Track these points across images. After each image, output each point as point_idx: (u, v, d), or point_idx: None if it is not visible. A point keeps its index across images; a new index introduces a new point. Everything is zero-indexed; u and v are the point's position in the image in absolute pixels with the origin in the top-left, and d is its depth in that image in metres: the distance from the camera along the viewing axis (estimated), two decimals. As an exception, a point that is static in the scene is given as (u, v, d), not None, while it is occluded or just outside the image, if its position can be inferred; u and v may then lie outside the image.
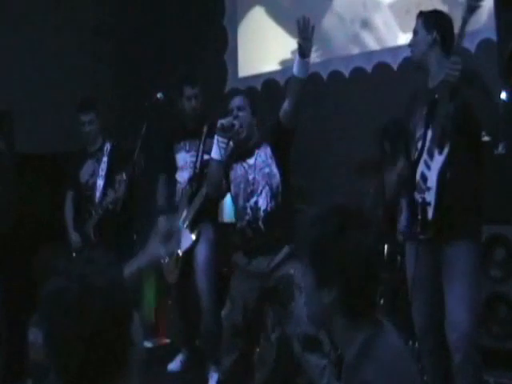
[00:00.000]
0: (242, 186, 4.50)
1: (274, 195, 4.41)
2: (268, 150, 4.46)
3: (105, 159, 5.64)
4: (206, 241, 5.33)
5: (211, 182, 4.68)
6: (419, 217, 3.84)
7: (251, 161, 4.50)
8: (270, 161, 4.44)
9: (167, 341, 6.38)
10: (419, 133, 4.01)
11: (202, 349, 5.42)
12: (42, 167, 6.39)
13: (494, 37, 5.07)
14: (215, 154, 4.51)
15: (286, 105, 4.37)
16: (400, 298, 4.73)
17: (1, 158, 6.01)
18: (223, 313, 4.59)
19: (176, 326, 5.59)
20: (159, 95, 5.47)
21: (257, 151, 4.49)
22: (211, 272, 5.30)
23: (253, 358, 4.95)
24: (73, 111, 5.71)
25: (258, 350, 5.10)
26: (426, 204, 3.85)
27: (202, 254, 5.29)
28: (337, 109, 6.12)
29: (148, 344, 6.08)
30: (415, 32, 4.12)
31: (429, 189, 3.87)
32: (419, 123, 4.02)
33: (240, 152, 4.54)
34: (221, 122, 4.46)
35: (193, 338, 5.63)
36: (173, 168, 5.53)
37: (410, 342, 4.38)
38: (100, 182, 5.59)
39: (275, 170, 4.42)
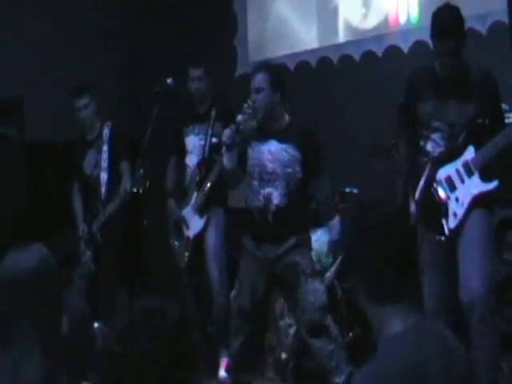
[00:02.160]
0: (257, 169, 4.49)
1: (289, 192, 4.41)
2: (297, 154, 4.42)
3: (105, 148, 5.59)
4: (217, 225, 5.32)
5: (231, 184, 4.79)
6: (442, 221, 3.91)
7: (273, 146, 4.47)
8: (295, 163, 4.42)
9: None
10: (433, 125, 3.99)
11: (214, 334, 5.42)
12: (52, 155, 6.39)
13: (505, 19, 5.02)
14: (229, 165, 4.51)
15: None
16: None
17: (12, 145, 6.04)
18: (232, 295, 4.62)
19: (187, 311, 5.59)
20: (169, 81, 5.46)
21: (282, 143, 4.45)
22: (222, 256, 5.30)
23: (262, 344, 4.97)
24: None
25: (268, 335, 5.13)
26: (449, 211, 3.92)
27: (212, 239, 5.29)
28: (348, 92, 6.08)
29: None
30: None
31: (457, 200, 3.91)
32: (433, 116, 3.97)
33: (263, 130, 4.51)
34: (224, 140, 4.47)
35: (204, 323, 5.63)
36: (182, 152, 5.52)
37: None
38: (104, 176, 5.56)
39: (298, 172, 4.42)
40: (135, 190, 5.08)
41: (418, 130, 4.08)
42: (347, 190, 5.21)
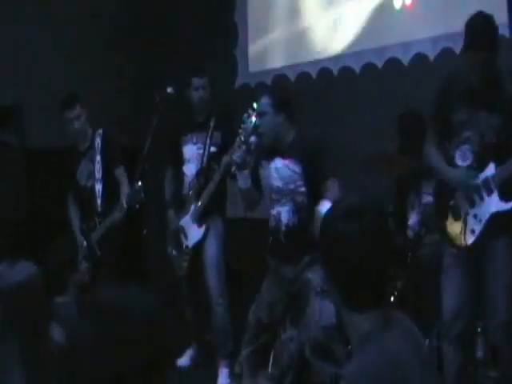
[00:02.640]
0: (267, 188, 4.56)
1: (297, 210, 4.44)
2: (298, 168, 4.44)
3: (98, 158, 5.53)
4: (216, 235, 5.34)
5: (249, 205, 4.80)
6: (461, 236, 3.97)
7: (278, 163, 4.51)
8: (296, 177, 4.43)
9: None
10: (465, 134, 3.99)
11: (212, 344, 5.42)
12: (52, 162, 6.38)
13: (506, 33, 5.04)
14: (243, 185, 4.55)
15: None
16: (411, 294, 4.72)
17: (12, 152, 6.04)
18: (252, 307, 4.66)
19: (185, 321, 5.59)
20: (169, 90, 5.48)
21: (285, 158, 4.48)
22: (221, 266, 5.32)
23: (269, 354, 4.97)
24: (86, 104, 5.67)
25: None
26: (466, 228, 3.96)
27: (211, 248, 5.30)
28: (349, 104, 6.10)
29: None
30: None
31: (476, 217, 3.94)
32: (465, 125, 3.97)
33: (269, 149, 4.55)
34: (234, 159, 4.52)
35: (202, 333, 5.63)
36: (180, 161, 5.53)
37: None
38: (99, 187, 5.51)
39: (302, 188, 4.43)
40: (135, 207, 5.07)
41: (449, 140, 4.09)
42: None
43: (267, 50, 6.80)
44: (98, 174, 5.53)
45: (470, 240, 3.93)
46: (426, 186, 4.96)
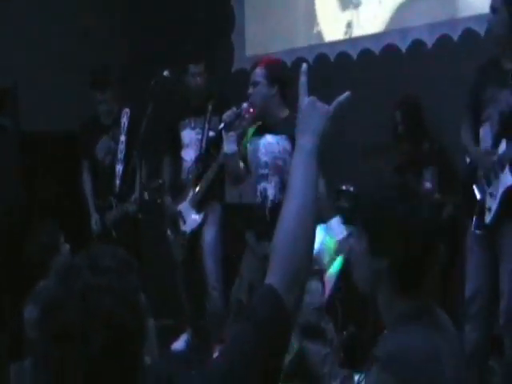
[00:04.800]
0: (254, 164, 4.54)
1: (283, 187, 4.38)
2: (288, 145, 4.40)
3: (123, 138, 5.48)
4: (214, 221, 5.34)
5: (233, 176, 4.73)
6: (475, 215, 4.01)
7: (267, 139, 4.51)
8: (285, 155, 4.40)
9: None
10: (486, 112, 4.05)
11: (207, 328, 5.43)
12: (48, 145, 6.36)
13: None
14: (229, 149, 4.50)
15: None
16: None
17: (6, 135, 6.01)
18: (232, 289, 4.64)
19: (181, 305, 5.60)
20: (165, 73, 5.43)
21: (276, 135, 4.47)
22: (218, 252, 5.33)
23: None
24: (80, 87, 5.64)
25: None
26: (485, 207, 3.98)
27: (209, 234, 5.31)
28: (346, 91, 6.07)
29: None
30: (494, 9, 4.02)
31: (491, 195, 3.97)
32: (488, 103, 4.03)
33: (260, 125, 4.55)
34: (223, 118, 4.48)
35: (198, 318, 5.63)
36: (178, 146, 5.51)
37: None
38: (119, 167, 5.46)
39: (289, 164, 4.39)
40: (156, 202, 5.06)
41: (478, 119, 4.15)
42: (343, 187, 5.21)
43: (264, 35, 6.76)
44: (121, 155, 5.47)
45: (488, 219, 3.97)
46: (425, 172, 4.97)
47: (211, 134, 5.33)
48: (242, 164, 4.64)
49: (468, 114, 4.23)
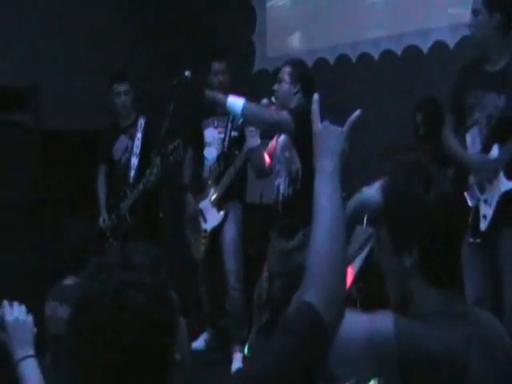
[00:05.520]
0: (275, 162, 4.63)
1: (292, 181, 4.48)
2: (291, 136, 4.50)
3: (139, 135, 5.60)
4: (235, 220, 5.35)
5: (257, 168, 4.82)
6: (474, 224, 3.91)
7: (283, 136, 4.61)
8: (290, 145, 4.51)
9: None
10: (474, 117, 3.99)
11: (227, 328, 5.43)
12: (69, 143, 6.39)
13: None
14: (252, 143, 4.64)
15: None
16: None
17: (27, 133, 6.04)
18: (256, 287, 4.72)
19: (201, 304, 5.60)
20: (187, 73, 5.47)
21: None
22: (239, 251, 5.34)
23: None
24: (102, 86, 5.68)
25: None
26: (479, 214, 3.90)
27: (230, 233, 5.31)
28: (366, 92, 6.06)
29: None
30: (476, 12, 4.00)
31: (486, 202, 3.89)
32: (474, 107, 3.98)
33: None
34: (262, 103, 4.59)
35: (218, 317, 5.64)
36: (200, 144, 5.53)
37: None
38: (134, 161, 5.56)
39: (295, 156, 4.46)
40: (174, 162, 5.14)
41: (463, 125, 4.11)
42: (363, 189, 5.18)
43: (285, 36, 6.77)
44: (136, 149, 5.58)
45: (483, 226, 3.90)
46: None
47: (234, 134, 5.35)
48: (266, 157, 4.71)
49: (451, 119, 4.18)
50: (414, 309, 1.92)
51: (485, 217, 3.89)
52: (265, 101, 4.60)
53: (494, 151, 3.90)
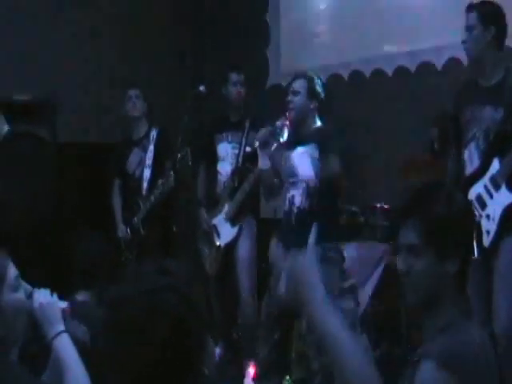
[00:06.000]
0: (287, 175, 4.61)
1: (309, 194, 4.45)
2: (315, 152, 4.49)
3: (151, 147, 5.62)
4: (249, 235, 5.35)
5: (267, 190, 4.84)
6: (477, 241, 3.79)
7: (300, 151, 4.57)
8: (316, 163, 4.47)
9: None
10: (471, 132, 3.97)
11: (240, 343, 5.43)
12: (84, 156, 6.42)
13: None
14: (264, 165, 4.63)
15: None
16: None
17: (43, 146, 6.07)
18: (263, 302, 4.67)
19: (214, 319, 5.60)
20: (202, 88, 5.50)
21: (306, 145, 4.54)
22: (253, 266, 5.33)
23: (289, 349, 4.95)
24: (117, 101, 5.72)
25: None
26: (482, 230, 3.83)
27: (244, 249, 5.31)
28: (380, 107, 6.08)
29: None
30: (470, 28, 3.98)
31: (488, 217, 3.83)
32: (471, 123, 3.97)
33: (293, 138, 4.60)
34: (257, 137, 4.62)
35: (230, 332, 5.63)
36: (213, 158, 5.54)
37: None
38: (147, 173, 5.59)
39: (318, 174, 4.45)
40: (182, 171, 5.15)
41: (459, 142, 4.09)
42: (378, 205, 5.20)
43: (299, 51, 6.80)
44: (149, 161, 5.60)
45: (487, 242, 3.82)
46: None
47: (248, 149, 5.36)
48: (276, 179, 4.72)
49: (452, 142, 4.18)
50: (440, 311, 2.05)
51: (488, 232, 3.82)
52: (279, 123, 4.56)
53: (495, 165, 3.85)
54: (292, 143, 4.62)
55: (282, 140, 4.57)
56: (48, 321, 2.44)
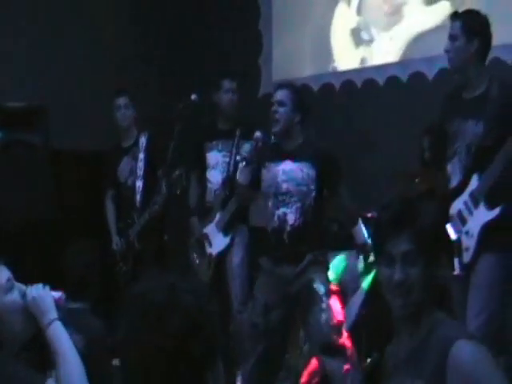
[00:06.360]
0: (272, 190, 4.49)
1: (304, 212, 4.41)
2: (312, 172, 4.40)
3: (141, 156, 5.61)
4: (241, 243, 5.36)
5: (241, 201, 4.93)
6: (456, 256, 3.83)
7: (287, 166, 4.46)
8: (309, 181, 4.40)
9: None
10: (455, 146, 3.96)
11: (231, 352, 5.43)
12: (77, 164, 6.43)
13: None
14: (244, 180, 4.65)
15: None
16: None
17: (36, 153, 6.08)
18: (245, 315, 4.66)
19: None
20: (193, 97, 5.51)
21: (297, 162, 4.45)
22: (245, 274, 5.33)
23: (276, 364, 4.95)
24: (110, 108, 5.74)
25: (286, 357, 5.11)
26: (462, 246, 3.83)
27: (236, 258, 5.33)
28: (372, 117, 6.12)
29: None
30: (453, 37, 3.92)
31: (468, 233, 3.82)
32: (456, 136, 3.95)
33: (277, 150, 4.53)
34: (243, 155, 4.65)
35: (222, 340, 5.63)
36: (204, 166, 5.53)
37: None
38: (139, 184, 5.58)
39: (313, 191, 4.41)
40: (176, 192, 5.14)
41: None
42: (369, 215, 5.23)
43: (291, 60, 6.83)
44: (140, 172, 5.59)
45: (467, 259, 3.82)
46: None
47: (239, 158, 5.35)
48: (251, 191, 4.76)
49: (439, 152, 4.19)
50: (426, 319, 2.19)
51: (467, 249, 3.81)
52: (258, 134, 4.57)
53: (474, 181, 3.84)
54: (277, 155, 4.52)
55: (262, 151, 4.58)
56: (41, 311, 2.48)
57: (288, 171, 4.44)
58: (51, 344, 2.44)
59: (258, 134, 4.57)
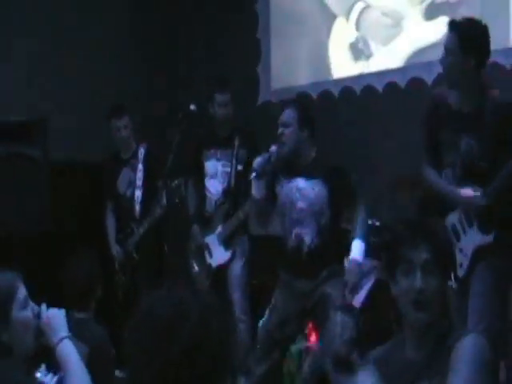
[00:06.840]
0: (287, 207, 4.50)
1: (320, 232, 4.42)
2: (323, 190, 4.40)
3: (140, 167, 5.63)
4: (242, 254, 5.37)
5: (259, 219, 4.79)
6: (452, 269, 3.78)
7: (301, 183, 4.47)
8: (322, 200, 4.40)
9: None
10: (449, 158, 3.92)
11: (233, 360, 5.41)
12: (76, 176, 6.43)
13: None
14: (257, 194, 4.54)
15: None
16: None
17: (36, 165, 6.07)
18: (260, 322, 4.64)
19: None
20: (192, 107, 5.51)
21: (308, 180, 4.45)
22: (245, 283, 5.36)
23: (282, 370, 4.99)
24: (109, 121, 5.74)
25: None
26: (457, 262, 3.82)
27: (237, 267, 5.33)
28: (371, 124, 6.10)
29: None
30: (449, 51, 3.82)
31: (461, 250, 3.81)
32: (449, 149, 3.90)
33: (289, 167, 4.53)
34: (254, 166, 4.50)
35: (233, 354, 5.61)
36: (201, 174, 5.52)
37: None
38: (138, 194, 5.59)
39: (326, 211, 4.41)
40: (175, 202, 5.14)
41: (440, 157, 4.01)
42: (369, 222, 5.21)
43: (290, 68, 6.82)
44: (139, 182, 5.61)
45: (461, 274, 3.83)
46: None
47: (239, 167, 5.34)
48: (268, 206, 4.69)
49: (429, 158, 4.05)
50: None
51: (461, 265, 3.81)
52: (273, 148, 4.48)
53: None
54: (290, 172, 4.53)
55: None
56: (53, 329, 2.57)
57: (302, 189, 4.45)
58: (60, 361, 2.51)
59: (273, 148, 4.50)
